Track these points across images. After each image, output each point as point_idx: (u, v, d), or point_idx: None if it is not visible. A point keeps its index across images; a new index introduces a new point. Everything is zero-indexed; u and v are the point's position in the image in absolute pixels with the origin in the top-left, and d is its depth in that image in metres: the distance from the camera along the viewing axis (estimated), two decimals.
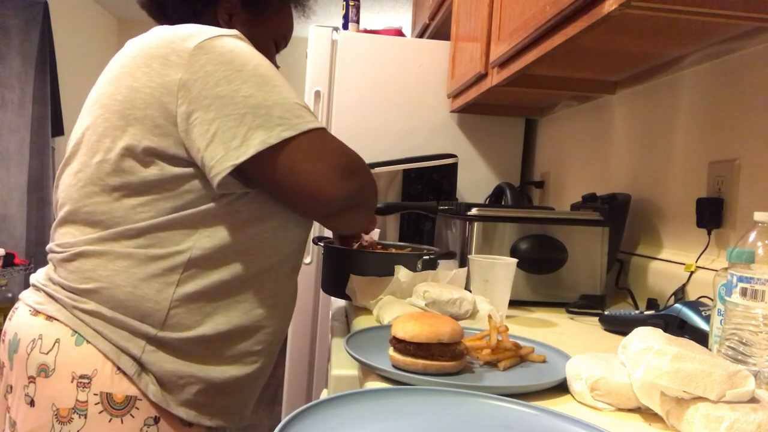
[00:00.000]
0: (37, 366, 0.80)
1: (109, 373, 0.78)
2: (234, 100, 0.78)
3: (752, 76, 1.09)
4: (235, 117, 0.78)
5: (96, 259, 0.81)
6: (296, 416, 0.51)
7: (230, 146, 0.77)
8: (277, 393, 3.37)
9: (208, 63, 0.79)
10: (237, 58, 0.80)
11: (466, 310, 0.98)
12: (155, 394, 0.80)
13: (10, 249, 3.18)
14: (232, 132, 0.78)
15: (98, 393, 0.78)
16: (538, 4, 1.15)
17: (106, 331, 0.79)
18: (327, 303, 2.08)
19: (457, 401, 0.59)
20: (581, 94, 1.66)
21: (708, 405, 0.55)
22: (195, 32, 0.82)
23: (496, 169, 2.17)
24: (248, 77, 0.79)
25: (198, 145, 0.78)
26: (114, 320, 0.80)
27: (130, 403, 0.79)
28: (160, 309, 0.80)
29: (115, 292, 0.80)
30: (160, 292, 0.80)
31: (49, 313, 0.81)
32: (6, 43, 3.40)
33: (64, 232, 0.85)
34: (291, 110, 0.80)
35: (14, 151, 3.44)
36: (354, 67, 2.08)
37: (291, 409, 2.09)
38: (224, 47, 0.80)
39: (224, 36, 0.82)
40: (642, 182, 1.44)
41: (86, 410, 0.78)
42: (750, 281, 0.67)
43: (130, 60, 0.83)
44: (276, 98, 0.80)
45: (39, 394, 0.79)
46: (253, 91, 0.79)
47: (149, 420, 0.80)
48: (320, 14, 4.48)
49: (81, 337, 0.79)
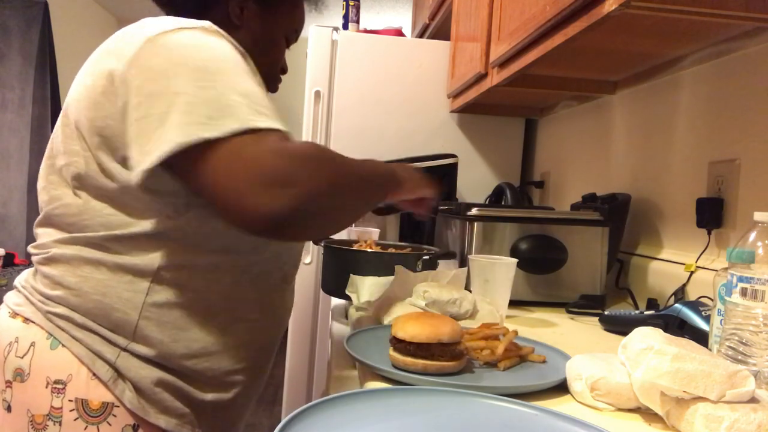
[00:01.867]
0: (13, 370, 0.77)
1: (84, 378, 0.75)
2: (163, 97, 0.68)
3: (752, 76, 1.09)
4: (158, 116, 0.68)
5: (64, 265, 0.77)
6: (296, 416, 0.51)
7: (144, 150, 0.68)
8: (277, 393, 3.37)
9: (153, 56, 0.71)
10: (185, 51, 0.71)
11: (466, 310, 0.98)
12: (131, 401, 0.76)
13: (10, 249, 3.18)
14: (150, 134, 0.68)
15: (73, 399, 0.74)
16: (538, 4, 1.15)
17: (80, 335, 0.76)
18: (327, 303, 2.08)
19: (457, 401, 0.59)
20: (581, 94, 1.66)
21: (708, 405, 0.55)
22: (152, 24, 0.75)
23: (496, 169, 2.17)
24: (187, 71, 0.69)
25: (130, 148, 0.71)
26: (86, 326, 0.76)
27: (106, 410, 0.75)
28: (129, 319, 0.76)
29: (83, 299, 0.76)
30: (129, 301, 0.76)
31: (26, 315, 0.79)
32: (6, 43, 3.40)
33: (41, 233, 0.82)
34: (225, 108, 0.67)
35: (14, 151, 3.44)
36: (354, 67, 2.08)
37: (291, 409, 2.09)
38: (177, 40, 0.72)
39: (185, 29, 0.74)
40: (642, 182, 1.44)
41: (61, 417, 0.74)
42: (750, 281, 0.67)
43: (92, 58, 0.79)
44: (211, 94, 0.68)
45: (15, 399, 0.77)
46: (186, 87, 0.68)
47: (127, 428, 0.76)
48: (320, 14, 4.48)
49: (56, 341, 0.76)
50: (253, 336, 0.85)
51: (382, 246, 1.24)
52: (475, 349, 0.75)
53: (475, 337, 0.78)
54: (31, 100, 3.47)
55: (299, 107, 4.58)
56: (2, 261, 2.86)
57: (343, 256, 1.13)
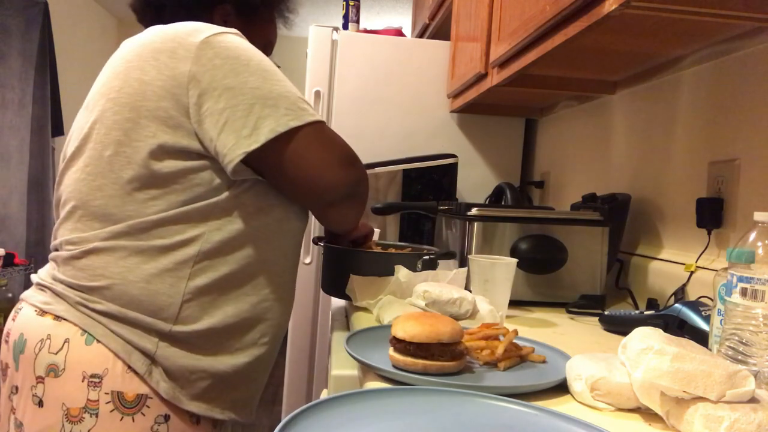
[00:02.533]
0: (46, 366, 0.80)
1: (120, 372, 0.79)
2: (242, 91, 0.82)
3: (752, 76, 1.09)
4: (245, 107, 0.81)
5: (107, 256, 0.81)
6: (296, 416, 0.51)
7: (241, 135, 0.81)
8: (277, 393, 3.37)
9: (216, 57, 0.82)
10: (242, 53, 0.84)
11: (466, 310, 0.98)
12: (166, 391, 0.81)
13: (10, 249, 3.18)
14: (242, 121, 0.81)
15: (109, 392, 0.78)
16: (538, 4, 1.15)
17: (117, 329, 0.80)
18: (327, 303, 2.08)
19: (457, 401, 0.59)
20: (581, 94, 1.66)
21: (708, 405, 0.55)
22: (199, 28, 0.85)
23: (496, 169, 2.17)
24: (254, 70, 0.83)
25: (210, 135, 0.82)
26: (125, 318, 0.80)
27: (141, 401, 0.80)
28: (174, 303, 0.82)
29: (127, 288, 0.81)
30: (173, 286, 0.82)
31: (57, 312, 0.81)
32: (6, 43, 3.40)
33: (71, 228, 0.85)
34: (295, 102, 0.85)
35: (14, 151, 3.43)
36: (354, 67, 2.08)
37: (291, 409, 2.09)
38: (230, 43, 0.84)
39: (227, 33, 0.86)
40: (642, 182, 1.44)
41: (97, 409, 0.78)
42: (750, 281, 0.67)
43: (135, 55, 0.85)
44: (281, 90, 0.84)
45: (48, 394, 0.79)
46: (260, 83, 0.83)
47: (159, 418, 0.81)
48: (320, 14, 4.48)
49: (91, 337, 0.80)
50: (275, 313, 0.94)
51: (382, 246, 1.24)
52: (475, 349, 0.75)
53: (475, 337, 0.78)
54: (31, 100, 3.46)
55: None
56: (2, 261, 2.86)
57: (343, 256, 1.13)
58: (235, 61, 0.83)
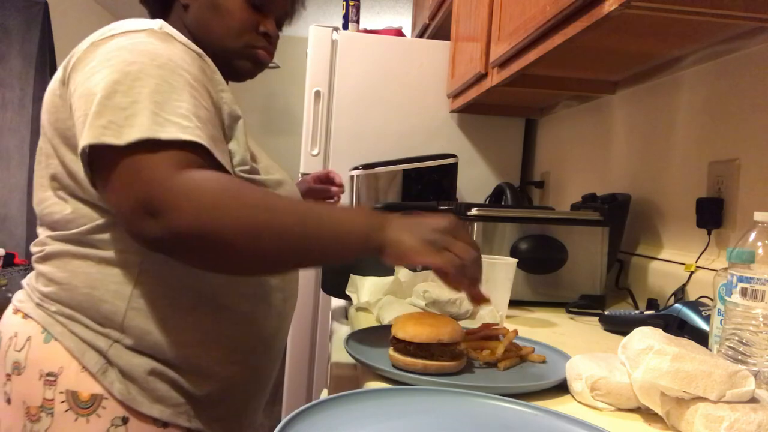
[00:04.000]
0: (12, 363, 0.79)
1: (74, 370, 0.76)
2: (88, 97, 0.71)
3: (752, 76, 1.09)
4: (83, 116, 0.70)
5: (56, 261, 0.80)
6: (296, 416, 0.51)
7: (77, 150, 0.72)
8: (277, 393, 3.37)
9: (93, 60, 0.74)
10: (116, 54, 0.72)
11: (466, 310, 0.98)
12: (121, 391, 0.76)
13: (10, 249, 3.18)
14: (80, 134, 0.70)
15: (64, 391, 0.76)
16: (538, 4, 1.15)
17: (74, 328, 0.78)
18: (327, 303, 2.08)
19: (457, 401, 0.59)
20: (581, 94, 1.66)
21: (708, 405, 0.55)
22: (107, 28, 0.78)
23: (496, 169, 2.17)
24: (110, 74, 0.70)
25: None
26: (77, 320, 0.78)
27: (95, 402, 0.76)
28: (118, 311, 0.77)
29: (73, 293, 0.78)
30: (117, 293, 0.77)
31: (25, 311, 0.81)
32: (6, 43, 3.40)
33: (38, 232, 0.85)
34: (135, 115, 0.67)
35: (14, 151, 3.43)
36: (354, 67, 2.08)
37: (291, 409, 2.09)
38: (116, 44, 0.74)
39: (129, 32, 0.76)
40: (642, 182, 1.44)
41: (53, 408, 0.76)
42: (750, 281, 0.67)
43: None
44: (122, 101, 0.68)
45: (13, 391, 0.79)
46: (103, 89, 0.69)
47: (117, 420, 0.76)
48: (320, 14, 4.48)
49: (49, 335, 0.78)
50: (245, 328, 0.85)
51: None
52: (475, 349, 0.75)
53: (475, 337, 0.78)
54: (31, 100, 3.46)
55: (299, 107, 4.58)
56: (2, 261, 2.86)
57: None
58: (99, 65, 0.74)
